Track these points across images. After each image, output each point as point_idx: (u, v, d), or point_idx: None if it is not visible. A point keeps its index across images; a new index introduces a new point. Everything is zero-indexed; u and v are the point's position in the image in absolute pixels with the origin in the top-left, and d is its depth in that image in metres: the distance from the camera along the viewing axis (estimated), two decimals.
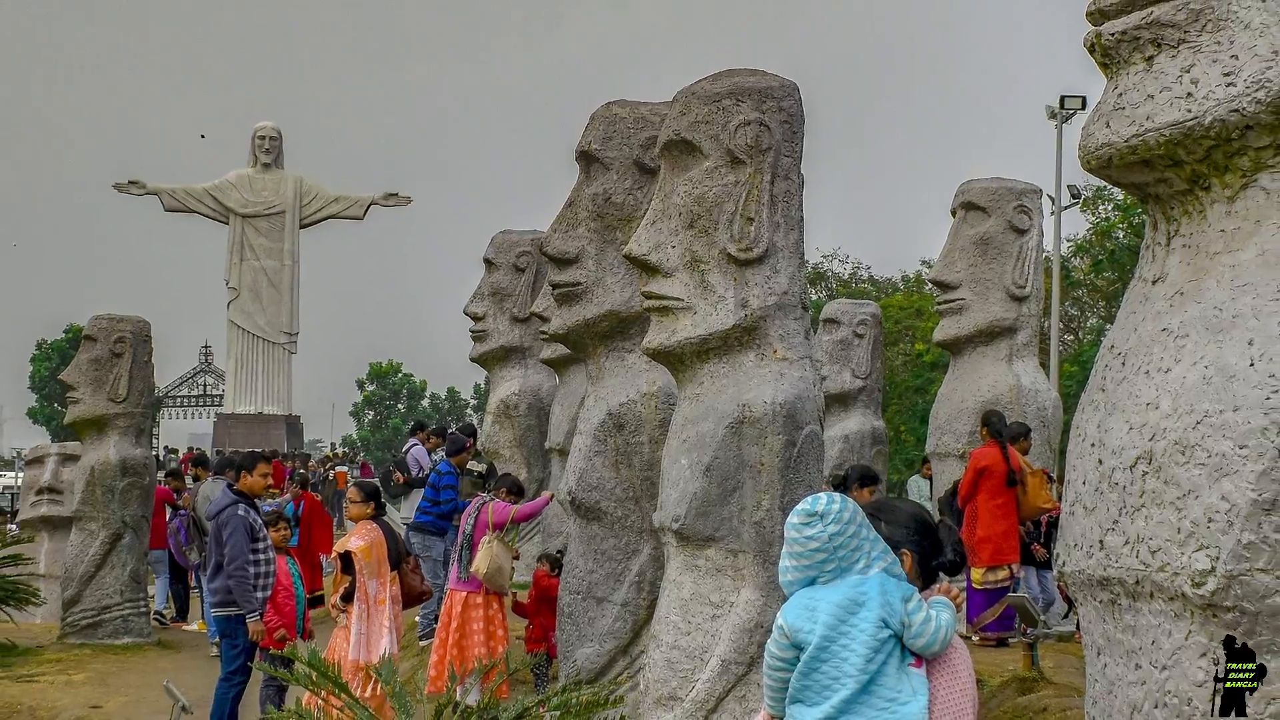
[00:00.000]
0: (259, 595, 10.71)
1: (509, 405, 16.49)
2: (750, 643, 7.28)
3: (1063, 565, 4.26)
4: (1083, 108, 33.96)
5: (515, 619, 12.18)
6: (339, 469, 37.06)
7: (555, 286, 9.90)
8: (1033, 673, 10.57)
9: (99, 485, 16.77)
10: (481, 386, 68.15)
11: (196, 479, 20.70)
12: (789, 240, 7.70)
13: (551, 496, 12.66)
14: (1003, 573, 12.72)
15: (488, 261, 16.81)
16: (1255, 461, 3.56)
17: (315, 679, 7.14)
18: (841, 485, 11.75)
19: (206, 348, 61.80)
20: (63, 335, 74.46)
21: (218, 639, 11.96)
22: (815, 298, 36.48)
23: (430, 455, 18.33)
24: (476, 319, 16.85)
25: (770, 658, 4.23)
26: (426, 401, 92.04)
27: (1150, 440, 3.83)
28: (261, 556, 10.83)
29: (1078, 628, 11.16)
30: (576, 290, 9.68)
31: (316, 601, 12.50)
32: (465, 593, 11.61)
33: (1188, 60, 3.84)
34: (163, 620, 19.03)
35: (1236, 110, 3.74)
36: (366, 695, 9.14)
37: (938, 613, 4.13)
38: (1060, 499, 8.96)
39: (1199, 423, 3.70)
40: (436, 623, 12.40)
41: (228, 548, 10.73)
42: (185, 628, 19.03)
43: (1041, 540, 13.19)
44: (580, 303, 9.70)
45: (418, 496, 16.10)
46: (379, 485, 12.63)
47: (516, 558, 12.05)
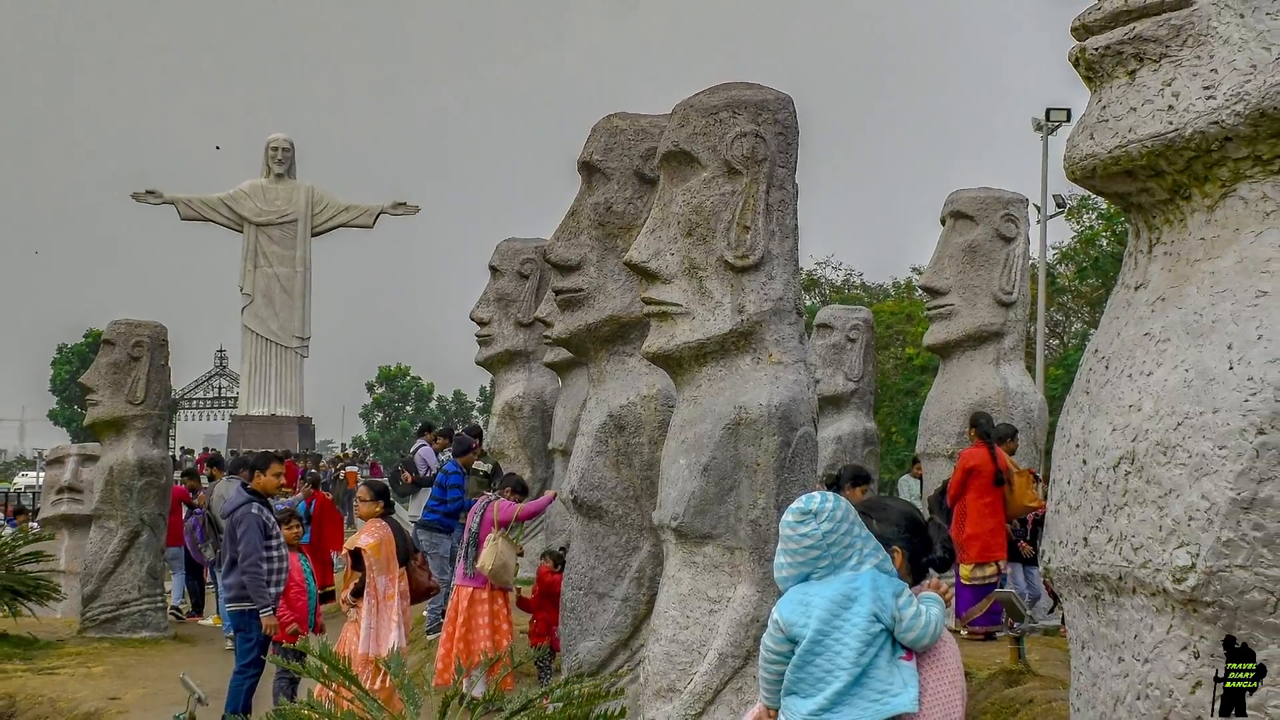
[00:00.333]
0: (272, 591, 10.71)
1: (513, 407, 16.49)
2: (747, 636, 7.28)
3: (1048, 562, 4.26)
4: (1067, 120, 33.95)
5: (520, 614, 12.18)
6: (349, 469, 37.05)
7: (558, 292, 9.90)
8: (1019, 665, 10.57)
9: (117, 484, 16.79)
10: (487, 389, 68.11)
11: (212, 478, 20.69)
12: (784, 248, 7.70)
13: (554, 495, 12.66)
14: (990, 569, 12.72)
15: (493, 268, 16.81)
16: (1234, 462, 3.56)
17: (326, 671, 7.14)
18: (835, 484, 11.74)
19: (221, 352, 61.81)
20: (82, 340, 74.40)
21: (232, 633, 11.95)
22: (809, 303, 36.45)
23: (437, 455, 18.34)
24: (482, 324, 16.84)
25: (766, 651, 4.23)
26: (434, 404, 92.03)
27: (1133, 441, 3.83)
28: (274, 553, 10.83)
29: (1063, 622, 11.16)
30: (579, 296, 9.68)
31: (328, 597, 12.50)
32: (471, 588, 11.61)
33: (1169, 74, 3.84)
34: (179, 615, 19.03)
35: (1216, 122, 3.74)
36: (376, 687, 9.14)
37: (927, 608, 4.13)
38: (1046, 498, 8.95)
39: (1180, 424, 3.70)
40: (443, 617, 12.40)
41: (242, 545, 10.74)
42: (201, 622, 19.03)
43: (1028, 538, 13.18)
44: (582, 308, 9.70)
45: (425, 495, 16.11)
46: (388, 484, 12.65)
47: (521, 554, 12.06)
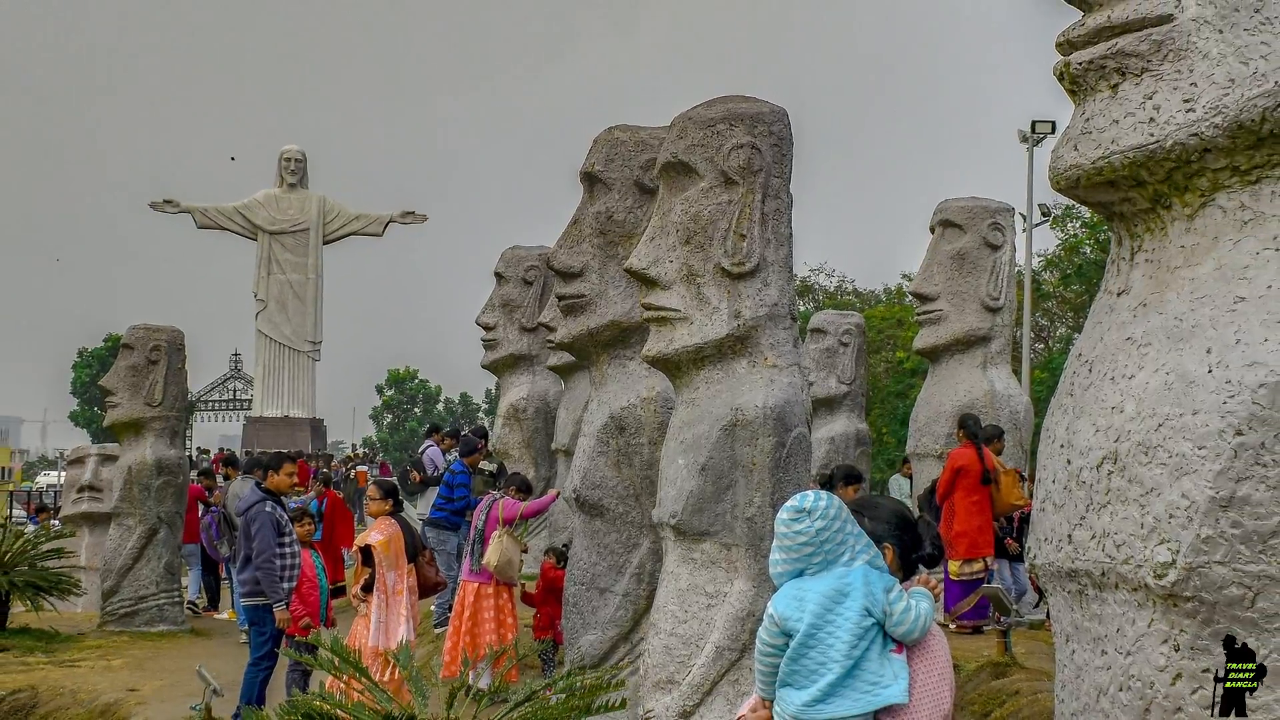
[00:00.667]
0: (285, 586, 10.70)
1: (518, 409, 16.49)
2: (743, 630, 7.27)
3: (1034, 558, 4.26)
4: (1052, 132, 33.98)
5: (524, 608, 12.18)
6: (359, 468, 36.99)
7: (561, 298, 9.90)
8: (1006, 658, 10.57)
9: (136, 484, 16.80)
10: (492, 391, 68.19)
11: (227, 478, 20.68)
12: (779, 255, 7.71)
13: (557, 494, 12.66)
14: (978, 565, 12.73)
15: (498, 275, 16.81)
16: (1213, 461, 3.56)
17: (338, 664, 7.14)
18: (828, 483, 11.74)
19: (236, 355, 61.69)
20: (102, 344, 74.42)
21: (247, 627, 11.94)
22: (803, 309, 36.43)
23: (444, 456, 18.35)
24: (488, 329, 16.86)
25: (761, 644, 4.23)
26: (441, 405, 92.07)
27: (1115, 441, 3.84)
28: (288, 550, 10.82)
29: (1048, 616, 11.17)
30: (581, 302, 9.68)
31: (339, 592, 12.50)
32: (477, 584, 11.61)
33: (1150, 87, 3.84)
34: (195, 609, 19.03)
35: (1196, 134, 3.75)
36: (385, 679, 9.13)
37: (917, 602, 4.13)
38: (1031, 496, 8.95)
39: (1160, 425, 3.70)
40: (450, 612, 12.40)
41: (256, 542, 10.73)
42: (216, 616, 19.02)
43: (1014, 535, 13.19)
44: (584, 313, 9.70)
45: (433, 494, 16.12)
46: (397, 484, 12.63)
47: (525, 551, 12.05)
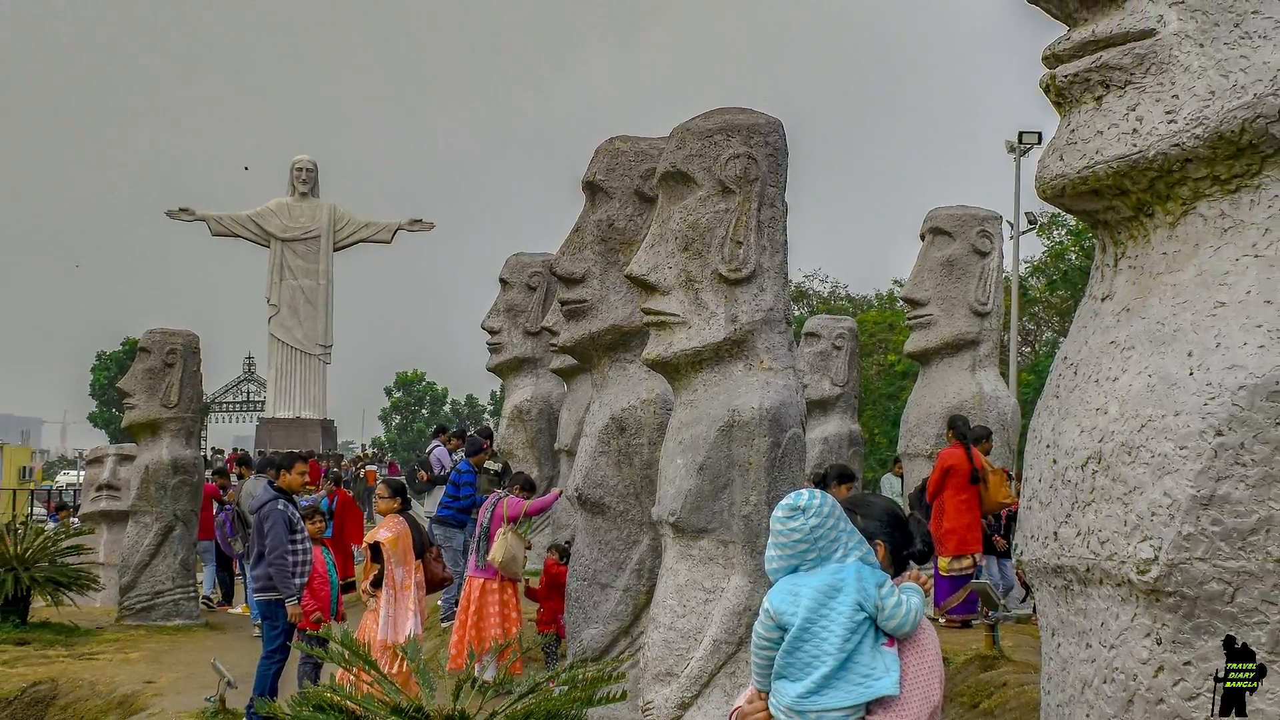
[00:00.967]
0: (297, 582, 10.70)
1: (522, 410, 16.50)
2: (739, 624, 7.28)
3: (1021, 554, 4.26)
4: (1039, 142, 33.98)
5: (528, 603, 12.18)
6: (369, 468, 36.99)
7: (563, 303, 9.90)
8: (994, 651, 10.57)
9: (153, 482, 16.81)
10: (497, 394, 68.12)
11: (240, 477, 20.68)
12: (774, 262, 7.71)
13: (560, 493, 12.67)
14: (967, 561, 12.73)
15: (503, 281, 16.82)
16: (1194, 461, 3.56)
17: (348, 657, 7.14)
18: (821, 482, 11.75)
19: (249, 359, 61.73)
20: (120, 347, 74.44)
21: (260, 621, 11.94)
22: (798, 313, 36.42)
23: (451, 455, 18.35)
24: (493, 333, 16.87)
25: (757, 638, 4.23)
26: (448, 407, 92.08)
27: (1099, 442, 3.84)
28: (299, 547, 10.82)
29: (1034, 611, 11.18)
30: (583, 307, 9.69)
31: (349, 587, 12.48)
32: (483, 579, 11.61)
33: (1133, 100, 3.84)
34: (210, 604, 19.03)
35: (1177, 145, 3.75)
36: (394, 672, 9.13)
37: (908, 597, 4.13)
38: (1018, 495, 8.96)
39: (1143, 426, 3.70)
40: (457, 606, 12.40)
41: (269, 539, 10.73)
42: (230, 611, 19.03)
43: (1001, 532, 13.19)
44: (586, 318, 9.70)
45: (440, 492, 16.12)
46: (405, 482, 12.64)
47: (529, 548, 12.05)
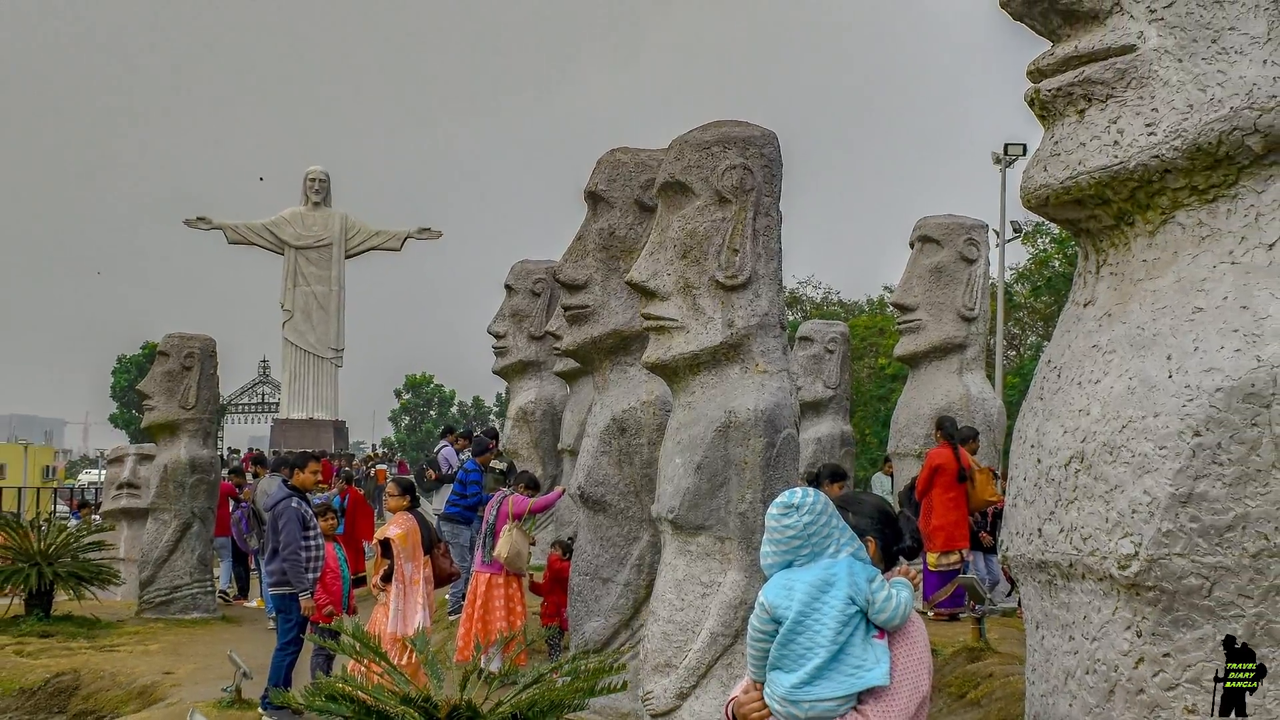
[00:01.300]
0: (310, 576, 10.69)
1: (526, 412, 16.49)
2: (735, 617, 7.27)
3: (1006, 550, 4.26)
4: (1024, 154, 33.97)
5: (532, 597, 12.17)
6: (379, 467, 36.98)
7: (567, 309, 9.91)
8: (980, 644, 10.56)
9: (171, 481, 16.81)
10: (503, 395, 68.08)
11: (256, 475, 20.66)
12: (769, 269, 7.71)
13: (563, 491, 12.66)
14: (954, 557, 12.72)
15: (508, 287, 16.82)
16: (1173, 460, 3.57)
17: (359, 649, 7.13)
18: (814, 481, 11.73)
19: (264, 362, 61.68)
20: (140, 351, 74.37)
21: (274, 614, 11.93)
22: (792, 319, 36.42)
23: (458, 455, 18.34)
24: (498, 337, 16.86)
25: (753, 630, 4.22)
26: (455, 408, 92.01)
27: (1082, 442, 3.84)
28: (312, 543, 10.81)
29: (1019, 605, 11.17)
30: (585, 312, 9.69)
31: (360, 582, 12.48)
32: (489, 574, 11.60)
33: (1115, 113, 3.84)
34: (226, 598, 19.01)
35: (1157, 156, 3.75)
36: (403, 663, 9.12)
37: (898, 591, 4.12)
38: (1004, 493, 8.96)
39: (1124, 427, 3.71)
40: (464, 600, 12.39)
41: (283, 535, 10.72)
42: (246, 604, 19.00)
43: (988, 528, 13.18)
44: (588, 323, 9.71)
45: (448, 491, 16.10)
46: (414, 481, 12.61)
47: (533, 544, 12.05)
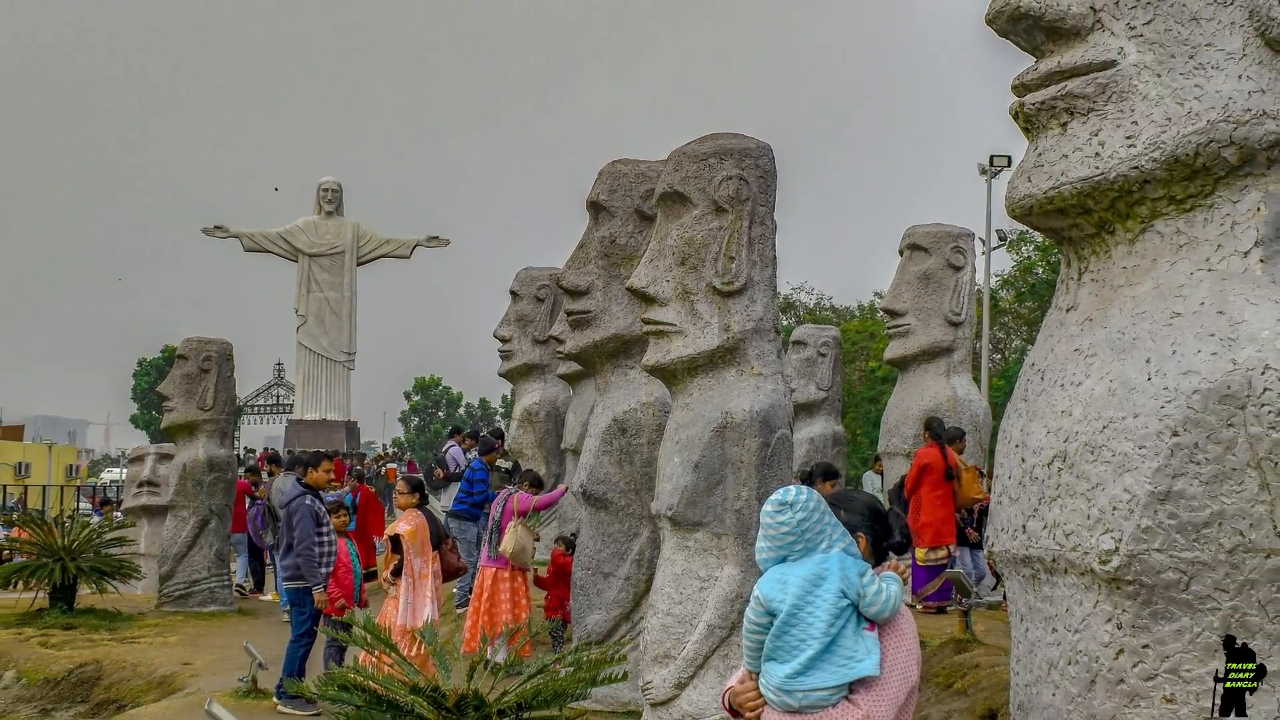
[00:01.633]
0: (323, 571, 10.69)
1: (531, 413, 16.48)
2: (732, 610, 7.27)
3: (992, 545, 4.26)
4: (1008, 165, 33.93)
5: (536, 591, 12.16)
6: (389, 466, 36.93)
7: (569, 314, 9.90)
8: (967, 635, 10.55)
9: (190, 479, 16.82)
10: (508, 397, 68.01)
11: (271, 474, 20.67)
12: (764, 275, 7.71)
13: (566, 489, 12.65)
14: (942, 552, 12.72)
15: (513, 293, 16.82)
16: (1152, 460, 3.57)
17: (370, 640, 7.13)
18: (808, 479, 11.73)
19: (279, 365, 61.58)
20: (159, 354, 74.36)
21: (289, 607, 11.93)
22: (786, 323, 36.38)
23: (465, 454, 18.32)
24: (504, 341, 16.86)
25: (748, 623, 4.22)
26: (462, 409, 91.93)
27: (1064, 442, 3.84)
28: (325, 539, 10.81)
29: (1004, 598, 11.16)
30: (587, 317, 9.68)
31: (371, 576, 12.49)
32: (494, 569, 11.60)
33: (1096, 126, 3.85)
34: (243, 592, 19.01)
35: (1136, 167, 3.75)
36: (412, 654, 9.12)
37: (887, 585, 4.12)
38: (990, 491, 8.95)
39: (1105, 427, 3.70)
40: (471, 594, 12.38)
41: (297, 531, 10.72)
42: (261, 598, 19.00)
43: (974, 525, 13.18)
44: (590, 328, 9.70)
45: (455, 488, 16.08)
46: (423, 479, 12.61)
47: (537, 539, 12.04)
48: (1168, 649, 3.60)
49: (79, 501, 42.61)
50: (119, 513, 23.09)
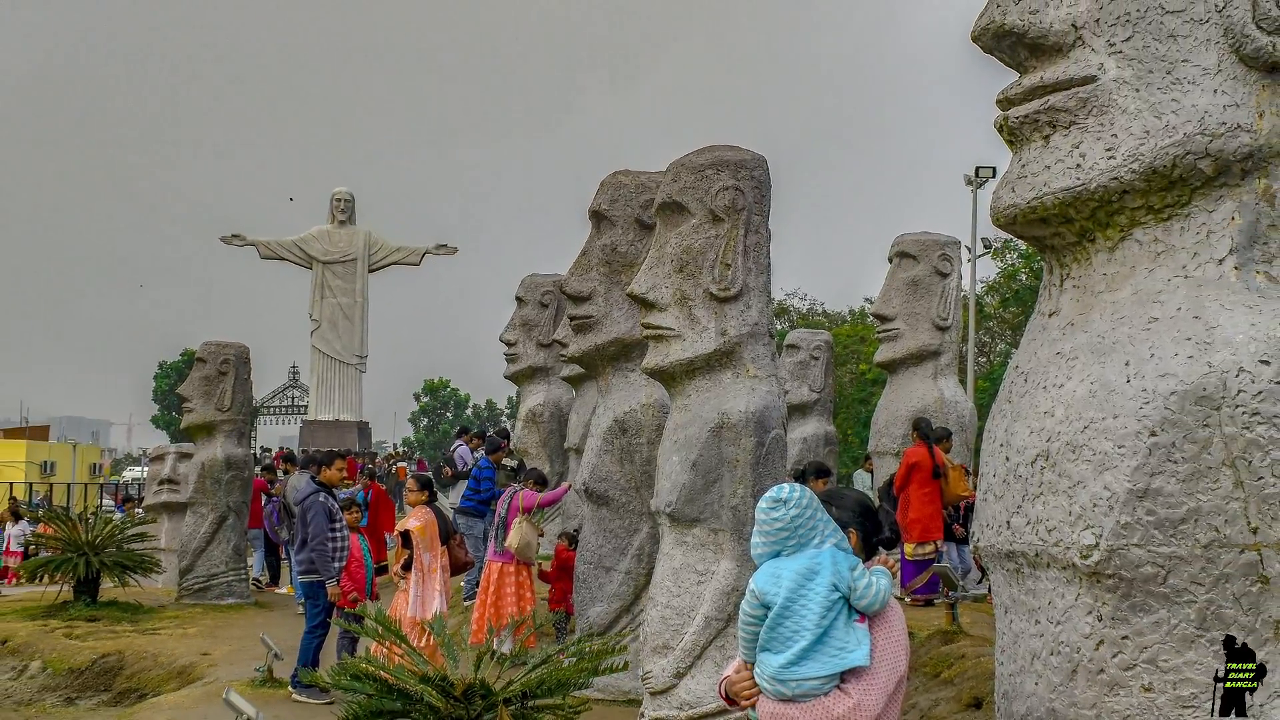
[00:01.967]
0: (336, 565, 10.68)
1: (535, 414, 16.48)
2: (728, 603, 7.27)
3: (977, 541, 4.26)
4: (993, 176, 33.94)
5: (541, 584, 12.16)
6: (400, 464, 36.95)
7: (572, 319, 9.91)
8: (953, 627, 10.54)
9: (208, 477, 16.82)
10: (513, 399, 67.99)
11: (286, 472, 20.65)
12: (759, 282, 7.71)
13: (569, 486, 12.65)
14: (929, 547, 12.71)
15: (518, 299, 16.82)
16: (1131, 458, 3.57)
17: (381, 632, 7.12)
18: (801, 477, 11.71)
19: (294, 368, 61.52)
20: (179, 357, 74.25)
21: (303, 600, 11.93)
22: (780, 328, 36.38)
23: (473, 453, 18.32)
24: (510, 345, 16.86)
25: (744, 615, 4.22)
26: (470, 410, 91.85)
27: (1047, 441, 3.84)
28: (338, 534, 10.80)
29: (989, 591, 11.16)
30: (589, 322, 9.69)
31: (381, 570, 12.47)
32: (500, 563, 11.59)
33: (1077, 138, 3.85)
34: (259, 585, 19.00)
35: (1116, 178, 3.75)
36: (422, 645, 9.11)
37: (877, 579, 4.12)
38: (976, 488, 8.95)
39: (1086, 427, 3.70)
40: (478, 587, 12.38)
41: (311, 527, 10.72)
42: (277, 591, 19.00)
43: (960, 521, 13.17)
44: (592, 332, 9.71)
45: (463, 486, 16.10)
46: (432, 477, 12.60)
47: (541, 535, 12.03)
48: (1146, 640, 3.60)
49: (102, 499, 42.58)
50: (140, 509, 23.10)
